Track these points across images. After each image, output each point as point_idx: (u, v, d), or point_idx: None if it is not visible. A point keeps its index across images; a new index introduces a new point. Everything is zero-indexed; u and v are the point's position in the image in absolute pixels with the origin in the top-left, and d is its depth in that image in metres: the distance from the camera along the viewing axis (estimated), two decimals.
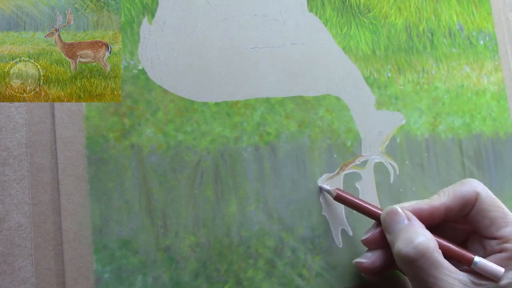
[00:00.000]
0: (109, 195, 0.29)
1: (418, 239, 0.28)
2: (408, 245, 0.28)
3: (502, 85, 0.44)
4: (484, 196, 0.31)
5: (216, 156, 0.32)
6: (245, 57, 0.34)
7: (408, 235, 0.29)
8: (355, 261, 0.33)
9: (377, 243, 0.32)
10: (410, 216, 0.30)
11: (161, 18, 0.32)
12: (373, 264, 0.32)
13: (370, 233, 0.32)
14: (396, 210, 0.31)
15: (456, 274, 0.28)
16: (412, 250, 0.28)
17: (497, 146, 0.43)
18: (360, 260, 0.32)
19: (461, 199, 0.31)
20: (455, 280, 0.28)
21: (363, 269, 0.32)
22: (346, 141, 0.36)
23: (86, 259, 0.28)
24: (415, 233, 0.29)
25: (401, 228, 0.30)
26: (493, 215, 0.30)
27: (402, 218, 0.30)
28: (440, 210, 0.31)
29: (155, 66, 0.31)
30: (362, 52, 0.38)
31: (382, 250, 0.32)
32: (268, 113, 0.34)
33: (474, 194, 0.31)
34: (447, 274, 0.28)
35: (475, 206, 0.31)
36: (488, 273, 0.29)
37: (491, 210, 0.30)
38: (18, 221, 0.27)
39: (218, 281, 0.31)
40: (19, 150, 0.27)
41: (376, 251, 0.32)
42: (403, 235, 0.29)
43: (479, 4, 0.45)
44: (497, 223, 0.30)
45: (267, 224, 0.33)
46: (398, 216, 0.30)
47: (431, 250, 0.28)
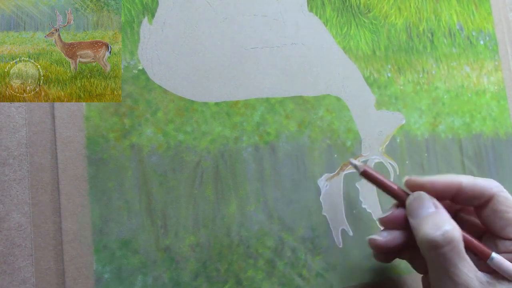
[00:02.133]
0: (109, 195, 0.29)
1: (446, 226, 0.29)
2: (436, 231, 0.29)
3: (502, 85, 0.44)
4: (502, 196, 0.31)
5: (216, 156, 0.32)
6: (245, 57, 0.34)
7: (436, 221, 0.29)
8: (370, 237, 0.32)
9: (395, 223, 0.32)
10: (437, 204, 0.31)
11: (161, 18, 0.32)
12: (387, 244, 0.32)
13: (389, 212, 0.32)
14: (424, 195, 0.31)
15: (475, 271, 0.28)
16: (440, 236, 0.28)
17: (497, 146, 0.43)
18: (375, 237, 0.32)
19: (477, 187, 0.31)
20: (474, 276, 0.28)
21: (376, 246, 0.32)
22: (346, 141, 0.36)
23: (86, 259, 0.28)
24: (444, 221, 0.29)
25: (428, 214, 0.30)
26: (510, 216, 0.30)
27: (429, 205, 0.31)
28: (453, 185, 0.31)
29: (155, 66, 0.31)
30: (362, 52, 0.38)
31: (399, 232, 0.32)
32: (268, 113, 0.34)
33: (491, 190, 0.31)
34: (468, 268, 0.28)
35: (491, 205, 0.31)
36: (503, 271, 0.29)
37: (508, 212, 0.31)
38: (18, 221, 0.27)
39: (218, 281, 0.31)
40: (19, 150, 0.27)
41: (393, 232, 0.32)
42: (431, 221, 0.30)
43: (479, 4, 0.45)
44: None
45: (267, 224, 0.33)
46: (426, 202, 0.31)
47: (458, 240, 0.28)
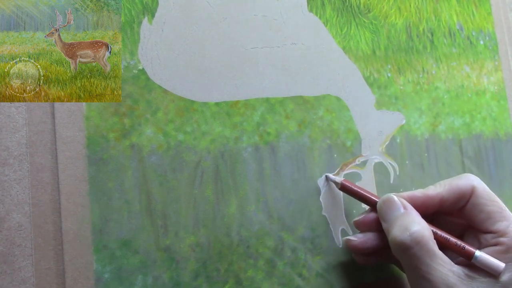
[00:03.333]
0: (109, 195, 0.29)
1: (414, 227, 0.29)
2: (403, 233, 0.29)
3: (502, 85, 0.44)
4: (481, 190, 0.31)
5: (216, 156, 0.32)
6: (245, 57, 0.34)
7: (404, 223, 0.29)
8: (346, 238, 0.33)
9: (368, 226, 0.33)
10: (406, 205, 0.31)
11: (161, 18, 0.32)
12: (363, 244, 0.32)
13: (362, 215, 0.33)
14: (393, 198, 0.31)
15: (450, 266, 0.28)
16: (407, 237, 0.28)
17: (497, 146, 0.43)
18: (349, 238, 0.33)
19: (457, 191, 0.31)
20: (449, 271, 0.28)
21: (351, 247, 0.33)
22: (346, 141, 0.36)
23: (86, 259, 0.28)
24: (411, 221, 0.29)
25: (397, 216, 0.30)
26: (489, 209, 0.30)
27: (398, 207, 0.31)
28: (435, 200, 0.31)
29: (155, 66, 0.31)
30: (362, 52, 0.38)
31: (373, 234, 0.32)
32: (268, 113, 0.34)
33: (470, 188, 0.31)
34: (441, 264, 0.28)
35: (471, 200, 0.31)
36: (488, 268, 0.29)
37: (488, 205, 0.30)
38: (18, 221, 0.27)
39: (218, 281, 0.31)
40: (19, 150, 0.27)
41: (368, 234, 0.33)
42: (399, 223, 0.30)
43: (479, 4, 0.45)
44: (493, 217, 0.30)
45: (267, 224, 0.33)
46: (395, 204, 0.31)
47: (426, 239, 0.28)
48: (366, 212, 0.33)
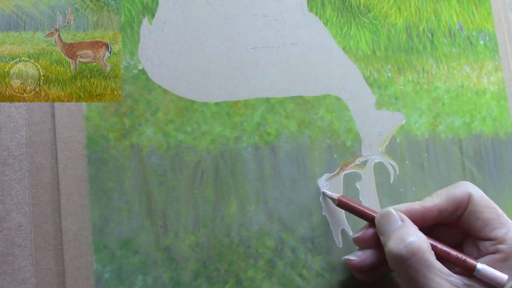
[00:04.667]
0: (109, 195, 0.29)
1: (410, 238, 0.29)
2: (399, 244, 0.29)
3: (502, 85, 0.44)
4: (477, 197, 0.31)
5: (216, 156, 0.32)
6: (245, 57, 0.34)
7: (400, 235, 0.29)
8: (345, 257, 0.33)
9: (367, 242, 0.32)
10: (403, 217, 0.31)
11: (161, 18, 0.32)
12: (362, 263, 0.32)
13: (361, 232, 0.33)
14: (390, 212, 0.31)
15: (448, 276, 0.28)
16: (403, 249, 0.28)
17: (497, 146, 0.43)
18: (349, 257, 0.32)
19: (454, 200, 0.31)
20: (447, 282, 0.28)
21: (352, 266, 0.32)
22: (346, 141, 0.36)
23: (86, 259, 0.28)
24: (408, 233, 0.29)
25: (394, 229, 0.30)
26: (487, 216, 0.30)
27: (396, 220, 0.30)
28: (433, 211, 0.31)
29: (155, 66, 0.31)
30: (362, 52, 0.38)
31: (372, 250, 0.32)
32: (268, 113, 0.34)
33: (466, 196, 0.31)
34: (438, 275, 0.28)
35: (468, 207, 0.31)
36: (491, 280, 0.28)
37: (485, 212, 0.30)
38: (18, 221, 0.27)
39: (218, 281, 0.31)
40: (19, 150, 0.27)
41: (367, 251, 0.32)
42: (395, 235, 0.29)
43: (479, 4, 0.45)
44: (491, 224, 0.30)
45: (267, 224, 0.33)
46: (392, 217, 0.31)
47: (423, 250, 0.28)
48: (364, 228, 0.33)
